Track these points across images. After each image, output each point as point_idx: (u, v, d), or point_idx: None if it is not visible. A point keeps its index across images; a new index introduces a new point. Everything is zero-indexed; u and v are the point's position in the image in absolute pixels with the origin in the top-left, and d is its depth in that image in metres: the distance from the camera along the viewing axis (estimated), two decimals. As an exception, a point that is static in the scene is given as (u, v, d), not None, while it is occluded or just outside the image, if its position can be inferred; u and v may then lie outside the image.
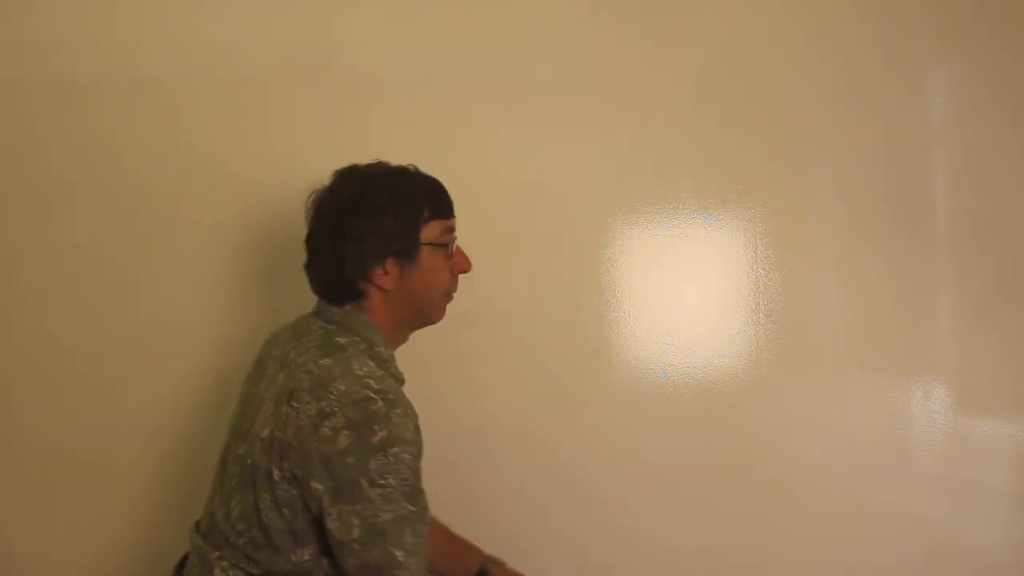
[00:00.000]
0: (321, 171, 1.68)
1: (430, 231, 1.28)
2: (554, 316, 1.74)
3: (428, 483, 1.65)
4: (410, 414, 1.18)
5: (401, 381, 1.27)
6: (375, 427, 1.13)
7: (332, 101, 1.69)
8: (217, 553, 1.22)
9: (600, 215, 1.76)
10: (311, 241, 1.29)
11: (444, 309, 1.35)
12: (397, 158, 1.70)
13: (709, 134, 1.78)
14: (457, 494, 1.71)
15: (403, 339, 1.35)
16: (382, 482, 1.13)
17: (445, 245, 1.30)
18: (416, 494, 1.17)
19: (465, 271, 1.34)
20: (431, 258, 1.29)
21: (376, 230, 1.25)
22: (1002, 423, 1.82)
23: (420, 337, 1.70)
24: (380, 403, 1.15)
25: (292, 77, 1.68)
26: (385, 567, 1.13)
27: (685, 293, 1.78)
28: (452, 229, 1.32)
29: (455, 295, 1.35)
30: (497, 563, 1.53)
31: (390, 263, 1.26)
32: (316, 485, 1.15)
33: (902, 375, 1.82)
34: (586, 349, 1.75)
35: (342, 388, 1.16)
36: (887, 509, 1.79)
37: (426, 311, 1.32)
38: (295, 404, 1.17)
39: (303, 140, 1.67)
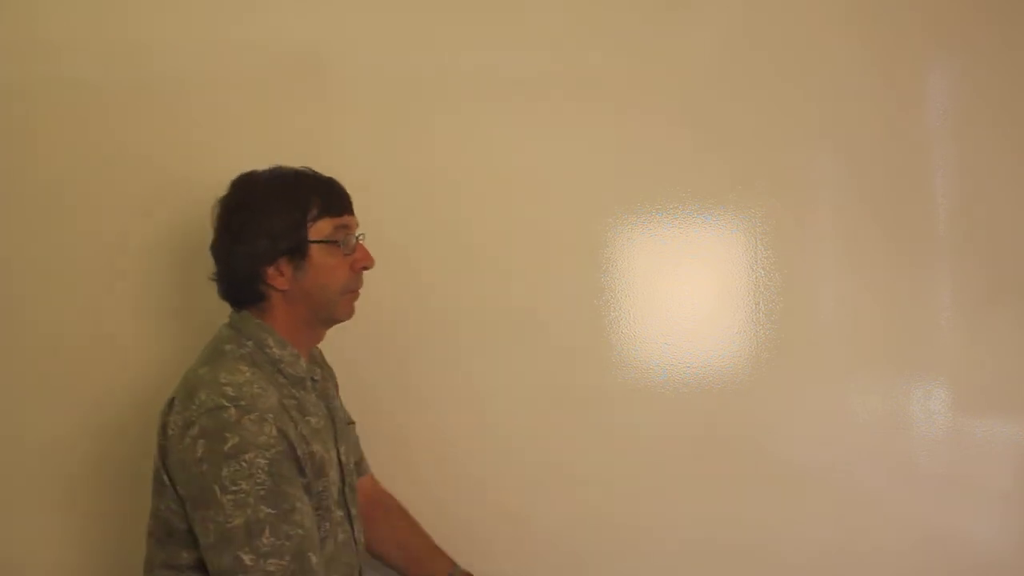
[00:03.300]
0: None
1: (320, 229, 1.28)
2: (554, 316, 1.74)
3: (426, 481, 1.65)
4: (268, 419, 1.18)
5: (299, 379, 1.30)
6: (226, 434, 1.16)
7: (329, 100, 1.69)
8: (149, 552, 1.29)
9: (600, 215, 1.76)
10: (211, 248, 1.31)
11: (350, 306, 1.35)
12: (395, 158, 1.71)
13: (709, 134, 1.78)
14: (457, 492, 1.72)
15: (315, 337, 1.36)
16: (234, 488, 1.14)
17: (336, 242, 1.30)
18: (276, 496, 1.16)
19: (367, 267, 1.34)
20: (324, 256, 1.29)
21: (261, 229, 1.26)
22: (1002, 423, 1.82)
23: (419, 337, 1.71)
24: (232, 410, 1.17)
25: (288, 78, 1.68)
26: (231, 571, 1.14)
27: (685, 293, 1.78)
28: (346, 227, 1.32)
29: (365, 291, 1.36)
30: (464, 574, 1.53)
31: (283, 263, 1.27)
32: (181, 491, 1.21)
33: (902, 375, 1.82)
34: (586, 349, 1.75)
35: (203, 397, 1.19)
36: (887, 509, 1.79)
37: (326, 308, 1.32)
38: (172, 414, 1.23)
39: (301, 142, 1.67)
